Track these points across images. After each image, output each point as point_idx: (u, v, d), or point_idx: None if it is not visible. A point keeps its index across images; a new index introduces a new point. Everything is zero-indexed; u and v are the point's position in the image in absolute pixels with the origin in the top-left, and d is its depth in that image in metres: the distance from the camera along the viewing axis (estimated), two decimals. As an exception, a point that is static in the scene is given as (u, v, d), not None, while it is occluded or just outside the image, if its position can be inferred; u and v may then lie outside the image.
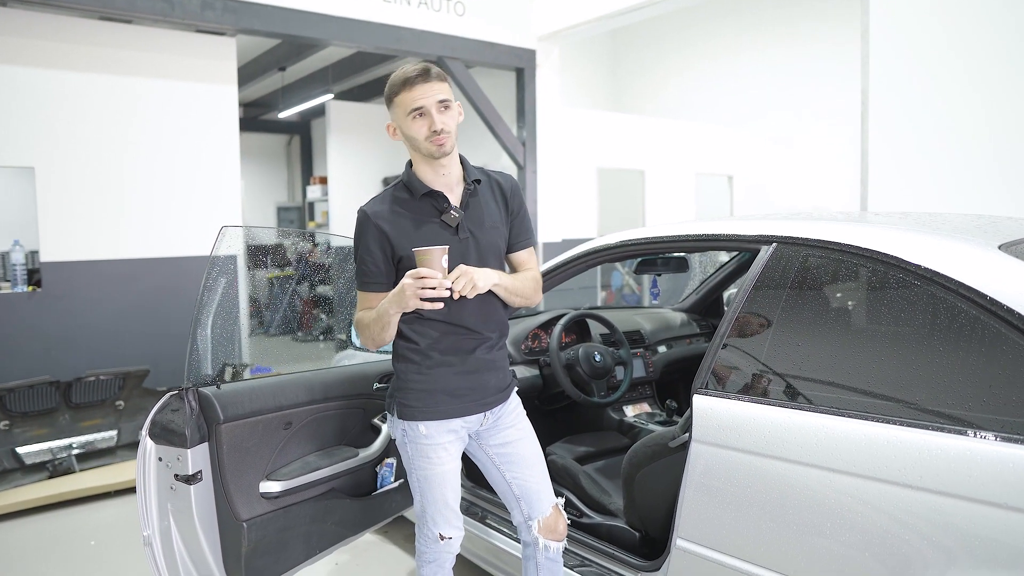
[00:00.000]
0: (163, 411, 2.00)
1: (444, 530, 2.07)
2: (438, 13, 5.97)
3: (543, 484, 2.18)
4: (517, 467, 2.15)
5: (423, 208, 1.98)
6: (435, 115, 1.90)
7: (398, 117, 1.95)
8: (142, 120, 5.00)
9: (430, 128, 1.90)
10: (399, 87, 1.91)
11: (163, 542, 2.04)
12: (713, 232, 2.28)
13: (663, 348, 3.54)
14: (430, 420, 1.99)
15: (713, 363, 1.99)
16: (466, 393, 2.02)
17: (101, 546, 3.59)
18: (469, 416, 2.04)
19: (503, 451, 2.13)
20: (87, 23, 4.80)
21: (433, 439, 2.00)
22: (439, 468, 2.02)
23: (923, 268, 1.67)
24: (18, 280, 4.74)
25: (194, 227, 5.22)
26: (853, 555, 1.61)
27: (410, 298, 1.77)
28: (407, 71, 1.91)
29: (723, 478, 1.87)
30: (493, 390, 2.08)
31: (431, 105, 1.89)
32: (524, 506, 2.17)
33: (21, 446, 4.29)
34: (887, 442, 1.57)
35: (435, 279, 1.76)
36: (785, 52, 8.81)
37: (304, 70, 9.38)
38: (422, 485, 2.05)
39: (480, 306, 2.00)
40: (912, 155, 4.10)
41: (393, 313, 1.86)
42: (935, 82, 4.01)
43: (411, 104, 1.89)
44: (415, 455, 2.03)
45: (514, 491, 2.16)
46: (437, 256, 1.78)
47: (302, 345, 8.91)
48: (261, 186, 12.69)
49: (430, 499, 2.06)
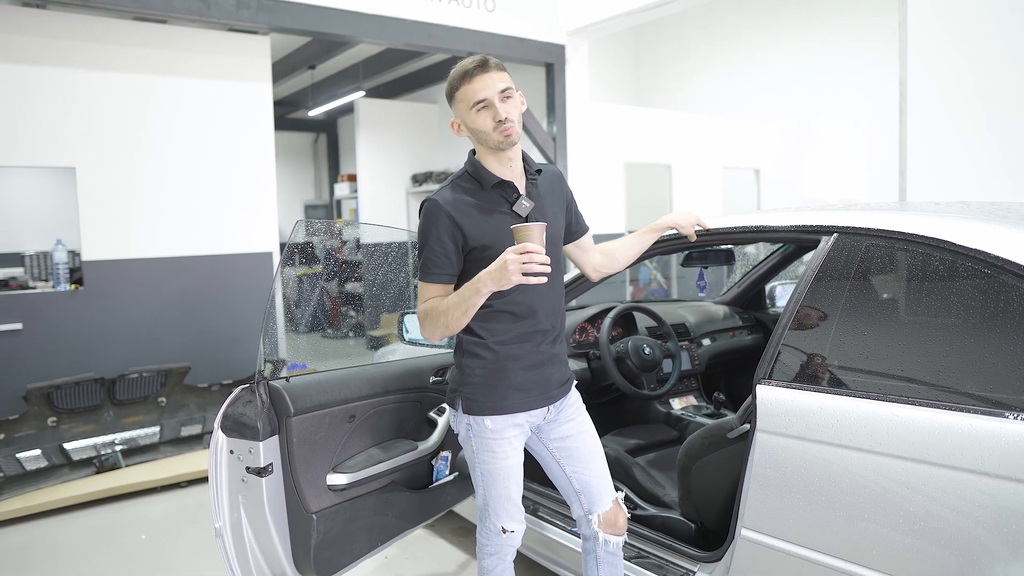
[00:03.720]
0: (235, 404, 2.03)
1: (507, 523, 2.08)
2: (468, 9, 5.99)
3: (604, 478, 2.19)
4: (577, 461, 2.15)
5: (493, 198, 1.97)
6: (498, 105, 1.88)
7: (461, 112, 1.94)
8: (178, 119, 5.05)
9: (495, 119, 1.89)
10: (459, 81, 1.91)
11: (234, 534, 2.07)
12: (770, 224, 2.28)
13: (707, 341, 3.55)
14: (496, 415, 1.99)
15: (776, 353, 1.99)
16: (531, 387, 2.02)
17: (152, 540, 3.64)
18: (533, 410, 2.04)
19: (564, 445, 2.14)
20: (122, 24, 4.86)
21: (499, 433, 2.00)
22: (504, 462, 2.03)
23: (991, 256, 1.67)
24: (61, 279, 4.81)
25: (231, 225, 5.27)
26: (921, 543, 1.61)
27: (513, 274, 1.71)
28: (465, 64, 1.90)
29: (788, 467, 1.87)
30: (556, 383, 2.09)
31: (493, 96, 1.88)
32: (584, 500, 2.17)
33: (68, 442, 4.37)
34: (958, 430, 1.57)
35: (541, 254, 1.71)
36: (810, 45, 8.75)
37: (333, 68, 9.42)
38: (486, 479, 2.06)
39: (549, 297, 2.01)
40: (951, 145, 4.07)
41: (486, 293, 1.81)
42: (974, 72, 3.97)
43: (473, 97, 1.89)
44: (480, 449, 2.03)
45: (574, 485, 2.16)
46: (537, 232, 1.74)
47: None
48: (288, 184, 12.77)
49: (493, 493, 2.06)
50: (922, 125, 4.14)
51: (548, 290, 1.97)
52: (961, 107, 4.00)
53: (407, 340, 2.86)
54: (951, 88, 4.04)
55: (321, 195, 13.48)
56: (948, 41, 4.05)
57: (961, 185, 4.00)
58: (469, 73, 1.88)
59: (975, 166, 3.98)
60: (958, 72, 4.01)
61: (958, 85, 4.01)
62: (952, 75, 4.03)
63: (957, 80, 4.01)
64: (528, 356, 2.01)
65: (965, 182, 4.00)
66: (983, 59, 3.93)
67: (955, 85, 4.02)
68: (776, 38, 9.10)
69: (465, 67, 1.89)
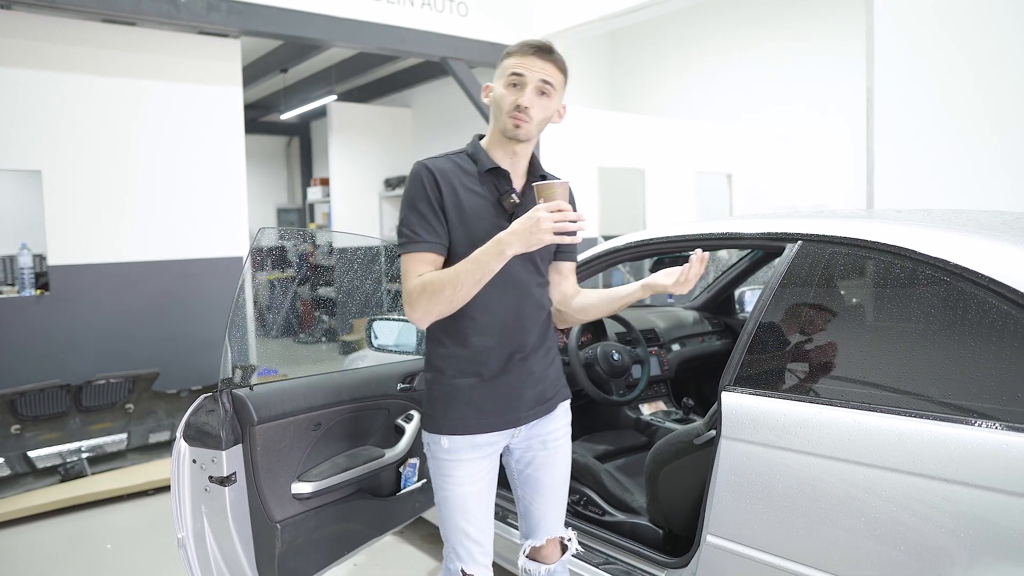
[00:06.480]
0: (198, 413, 2.01)
1: (467, 565, 1.87)
2: (441, 14, 5.99)
3: (549, 514, 2.02)
4: (530, 489, 2.01)
5: (484, 185, 1.82)
6: (529, 91, 1.75)
7: (499, 76, 1.81)
8: (147, 122, 5.00)
9: (516, 100, 1.76)
10: (516, 49, 1.78)
11: (197, 544, 2.04)
12: (736, 231, 2.29)
13: (676, 346, 3.57)
14: (453, 435, 1.82)
15: (741, 360, 2.00)
16: (493, 407, 1.83)
17: (117, 549, 3.59)
18: (495, 432, 1.86)
19: (525, 470, 1.99)
20: (91, 25, 4.79)
21: (455, 455, 1.82)
22: (459, 489, 1.83)
23: (951, 264, 1.69)
24: (26, 284, 4.73)
25: (200, 230, 5.22)
26: (884, 549, 1.62)
27: (546, 232, 1.58)
28: (534, 40, 1.79)
29: (752, 473, 1.88)
30: (529, 403, 1.88)
31: (532, 80, 1.75)
32: (523, 525, 2.07)
33: (32, 450, 4.29)
34: (920, 436, 1.59)
35: (571, 212, 1.60)
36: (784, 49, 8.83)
37: (306, 71, 9.37)
38: (442, 509, 1.87)
39: (519, 309, 1.85)
40: (917, 152, 4.13)
41: (509, 255, 1.64)
42: (939, 79, 4.04)
43: (516, 67, 1.76)
44: (436, 472, 1.86)
45: (520, 507, 2.06)
46: (562, 191, 1.66)
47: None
48: (261, 188, 12.67)
49: (450, 526, 1.87)
50: (889, 131, 4.20)
51: (519, 301, 1.84)
52: (926, 113, 4.07)
53: (375, 346, 2.85)
54: (916, 95, 4.10)
55: (294, 199, 13.38)
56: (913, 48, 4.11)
57: (928, 191, 4.07)
58: (528, 48, 1.76)
59: (940, 173, 4.05)
60: (923, 78, 4.07)
61: (924, 91, 4.07)
62: (918, 81, 4.09)
63: (923, 86, 4.08)
64: (493, 373, 1.83)
65: (932, 188, 4.06)
66: (948, 66, 4.00)
67: (921, 91, 4.08)
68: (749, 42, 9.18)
69: (531, 42, 1.78)
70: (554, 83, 1.78)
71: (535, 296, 1.89)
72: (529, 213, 1.61)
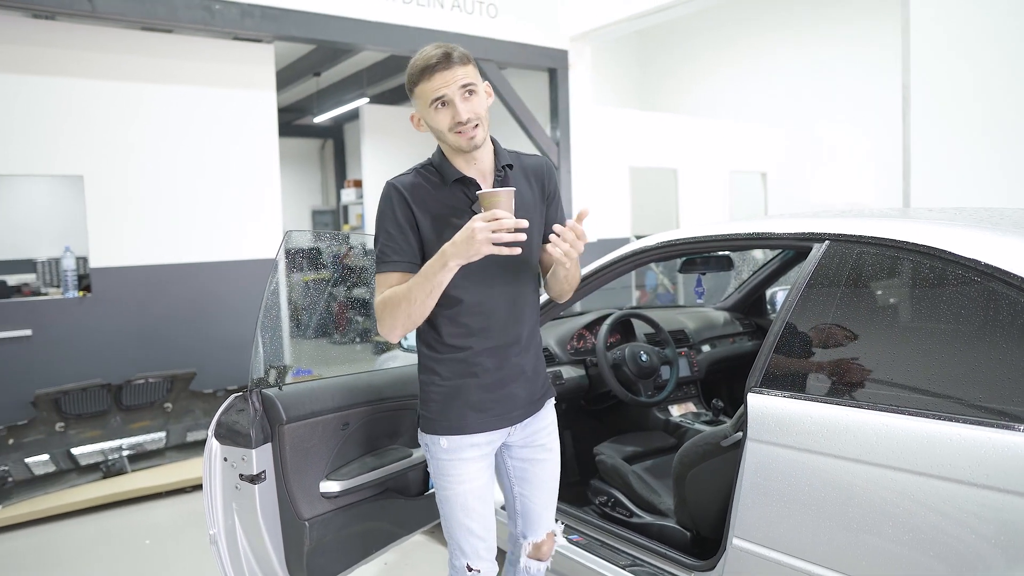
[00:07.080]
0: (228, 412, 2.05)
1: (472, 561, 1.91)
2: (471, 15, 6.02)
3: (547, 507, 2.09)
4: (528, 486, 2.04)
5: (454, 195, 1.82)
6: (459, 104, 1.72)
7: (420, 108, 1.78)
8: (184, 127, 5.10)
9: (454, 119, 1.73)
10: (418, 76, 1.73)
11: (228, 540, 2.09)
12: (763, 231, 2.27)
13: (707, 347, 3.54)
14: (451, 435, 1.86)
15: (767, 361, 1.98)
16: (491, 407, 1.87)
17: (156, 544, 3.67)
18: (492, 431, 1.90)
19: (520, 467, 2.03)
20: (130, 34, 4.91)
21: (455, 454, 1.86)
22: (461, 487, 1.87)
23: (982, 264, 1.66)
24: (69, 285, 4.86)
25: (236, 232, 5.31)
26: (913, 554, 1.60)
27: (482, 244, 1.57)
28: (427, 56, 1.72)
29: (779, 476, 1.86)
30: (522, 402, 1.93)
31: (454, 93, 1.72)
32: (521, 523, 2.09)
33: (76, 447, 4.41)
34: (950, 440, 1.56)
35: (511, 220, 1.58)
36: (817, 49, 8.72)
37: (338, 75, 9.48)
38: (444, 507, 1.92)
39: (510, 304, 1.87)
40: (954, 150, 4.06)
41: (453, 267, 1.64)
42: (976, 76, 3.96)
43: (432, 93, 1.72)
44: (437, 472, 1.90)
45: (517, 506, 2.08)
46: (506, 198, 1.62)
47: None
48: (296, 190, 12.85)
49: (454, 523, 1.91)
50: (925, 130, 4.13)
51: (509, 296, 1.86)
52: (963, 112, 3.99)
53: (404, 347, 2.87)
54: (953, 93, 4.03)
55: (328, 200, 13.55)
56: (949, 46, 4.04)
57: (964, 190, 3.99)
58: (429, 69, 1.71)
59: (977, 171, 3.97)
60: (960, 77, 4.00)
61: (960, 90, 4.00)
62: (954, 80, 4.02)
63: (959, 85, 4.00)
64: (488, 373, 1.86)
65: (967, 186, 3.99)
66: (984, 64, 3.92)
67: (957, 90, 4.01)
68: (782, 42, 9.08)
69: (427, 60, 1.72)
70: (471, 78, 1.75)
71: (523, 291, 1.91)
72: (467, 223, 1.61)
